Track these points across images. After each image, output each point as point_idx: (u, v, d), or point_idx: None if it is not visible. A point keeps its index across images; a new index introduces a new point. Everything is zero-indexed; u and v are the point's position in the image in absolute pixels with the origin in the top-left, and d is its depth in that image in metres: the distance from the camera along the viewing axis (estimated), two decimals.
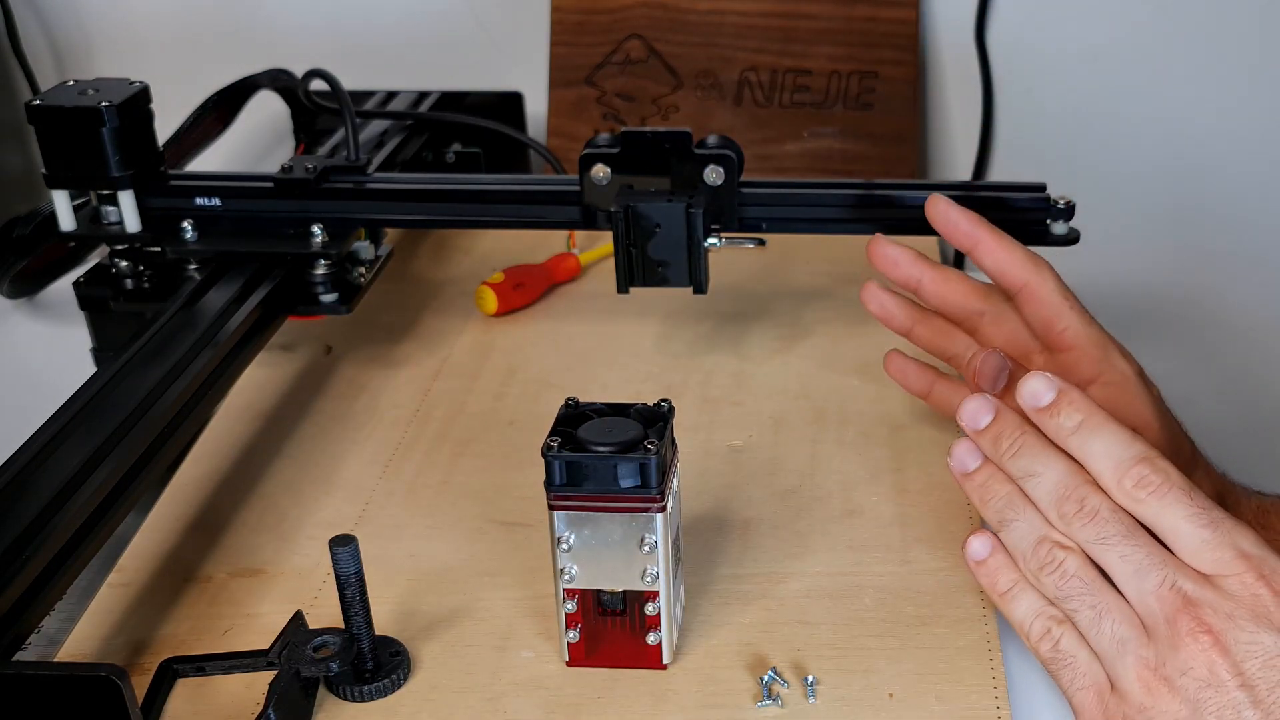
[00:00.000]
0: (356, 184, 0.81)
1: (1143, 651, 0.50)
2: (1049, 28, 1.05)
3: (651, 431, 0.54)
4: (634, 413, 0.56)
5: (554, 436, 0.54)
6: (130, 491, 0.62)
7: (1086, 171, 1.07)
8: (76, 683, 0.50)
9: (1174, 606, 0.49)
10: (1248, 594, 0.49)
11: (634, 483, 0.54)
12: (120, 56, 1.15)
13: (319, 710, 0.57)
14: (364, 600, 0.57)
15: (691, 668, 0.58)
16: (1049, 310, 0.67)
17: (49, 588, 0.56)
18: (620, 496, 0.54)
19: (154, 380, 0.67)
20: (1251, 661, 0.48)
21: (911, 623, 0.60)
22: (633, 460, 0.53)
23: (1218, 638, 0.49)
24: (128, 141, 0.78)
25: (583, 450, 0.54)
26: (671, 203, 0.75)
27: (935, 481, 0.70)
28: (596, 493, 0.54)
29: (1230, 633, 0.49)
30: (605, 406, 0.56)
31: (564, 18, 1.08)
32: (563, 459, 0.54)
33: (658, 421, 0.55)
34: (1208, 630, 0.49)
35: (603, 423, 0.55)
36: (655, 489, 0.53)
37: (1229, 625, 0.49)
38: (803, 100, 1.07)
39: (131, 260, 0.82)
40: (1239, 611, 0.49)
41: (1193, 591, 0.49)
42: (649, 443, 0.53)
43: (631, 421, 0.55)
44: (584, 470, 0.54)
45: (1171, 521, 0.50)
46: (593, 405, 0.56)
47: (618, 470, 0.53)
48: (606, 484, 0.54)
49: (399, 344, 0.87)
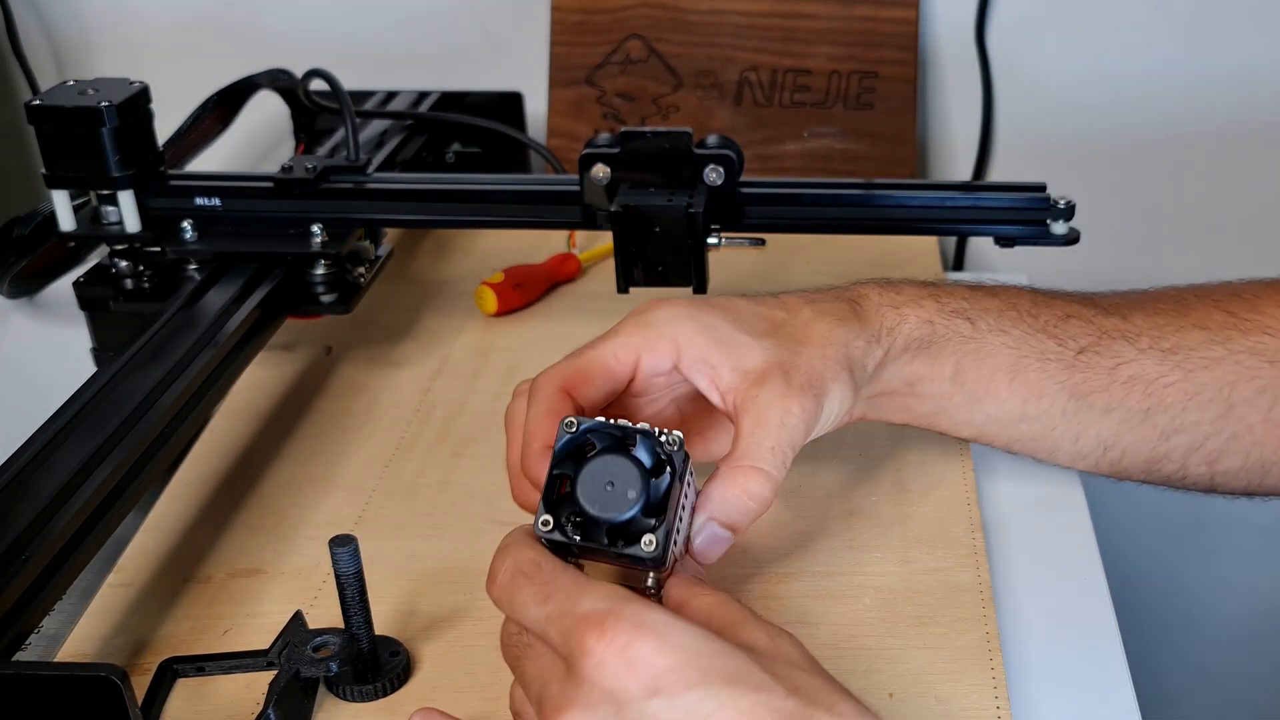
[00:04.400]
0: (356, 184, 0.81)
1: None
2: (1049, 28, 1.05)
3: (654, 492, 0.50)
4: (639, 440, 0.51)
5: (545, 514, 0.50)
6: (130, 492, 0.62)
7: (1086, 171, 1.07)
8: (76, 683, 0.50)
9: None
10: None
11: (635, 562, 0.51)
12: (120, 56, 1.15)
13: (319, 710, 0.57)
14: (364, 600, 0.57)
15: None
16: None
17: (49, 588, 0.56)
18: (622, 557, 0.51)
19: (154, 380, 0.67)
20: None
21: (911, 623, 0.60)
22: (635, 548, 0.50)
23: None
24: (127, 141, 0.78)
25: (581, 527, 0.51)
26: (671, 203, 0.75)
27: (935, 481, 0.70)
28: (596, 553, 0.51)
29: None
30: (607, 431, 0.51)
31: (564, 18, 1.08)
32: (555, 542, 0.51)
33: (662, 467, 0.51)
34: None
35: (601, 471, 0.50)
36: (663, 561, 0.51)
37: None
38: (803, 100, 1.06)
39: (131, 260, 0.82)
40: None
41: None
42: (648, 538, 0.50)
43: (632, 469, 0.50)
44: (583, 542, 0.51)
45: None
46: (593, 428, 0.51)
47: (621, 549, 0.50)
48: (607, 550, 0.51)
49: (399, 344, 0.87)
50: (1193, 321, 0.65)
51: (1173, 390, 0.64)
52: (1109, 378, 0.64)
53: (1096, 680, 0.59)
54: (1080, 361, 0.64)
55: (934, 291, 0.65)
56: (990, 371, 0.64)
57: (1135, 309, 0.66)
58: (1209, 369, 0.64)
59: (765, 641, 0.47)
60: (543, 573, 0.49)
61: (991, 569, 0.64)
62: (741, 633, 0.48)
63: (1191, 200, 1.08)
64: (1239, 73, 1.03)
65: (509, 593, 0.49)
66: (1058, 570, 0.66)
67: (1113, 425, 0.65)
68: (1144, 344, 0.64)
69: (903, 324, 0.63)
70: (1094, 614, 0.63)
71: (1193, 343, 0.64)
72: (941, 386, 0.65)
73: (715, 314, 0.59)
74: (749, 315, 0.60)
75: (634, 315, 0.60)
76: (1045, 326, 0.64)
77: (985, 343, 0.64)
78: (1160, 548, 1.20)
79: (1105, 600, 0.63)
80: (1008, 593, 0.64)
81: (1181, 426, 0.64)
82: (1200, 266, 1.08)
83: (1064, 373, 0.64)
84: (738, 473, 0.55)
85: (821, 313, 0.61)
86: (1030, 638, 0.61)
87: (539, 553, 0.50)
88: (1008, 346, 0.64)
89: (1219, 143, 1.05)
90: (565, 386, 0.57)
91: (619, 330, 0.60)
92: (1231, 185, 1.07)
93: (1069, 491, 0.71)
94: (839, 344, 0.60)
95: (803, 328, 0.60)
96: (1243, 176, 1.06)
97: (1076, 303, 0.66)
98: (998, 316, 0.64)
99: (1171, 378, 0.64)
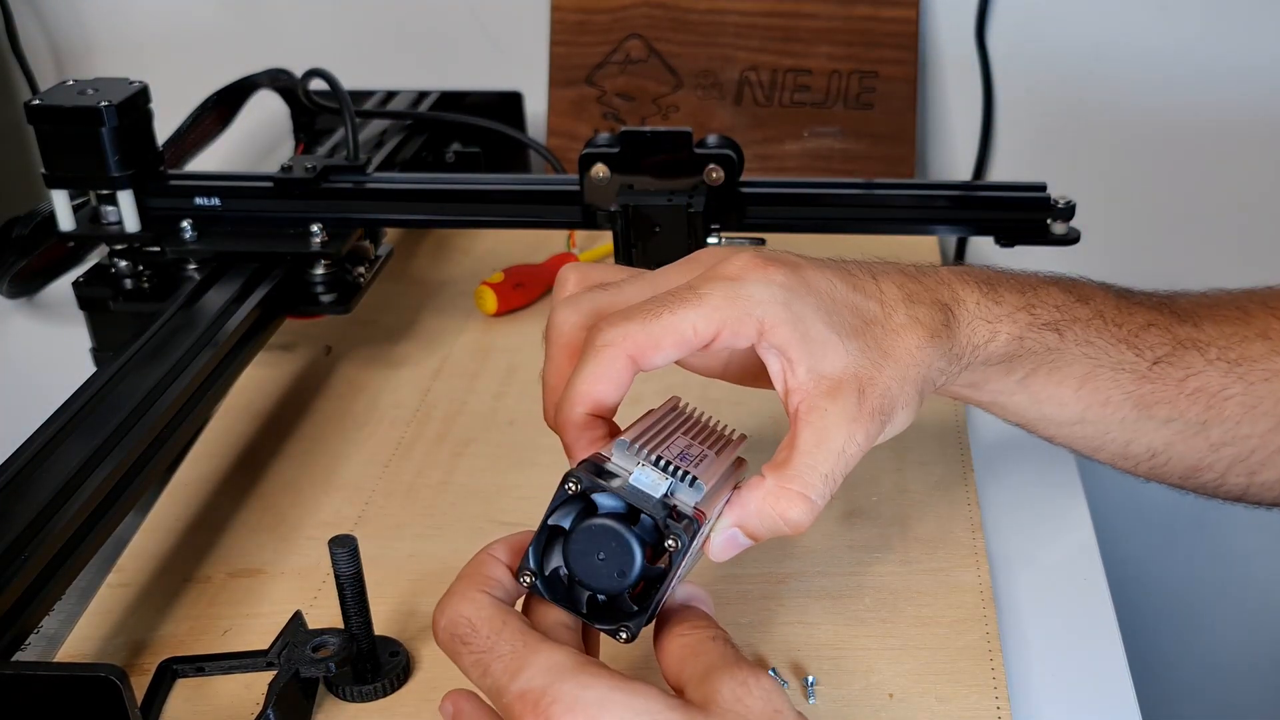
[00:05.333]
0: (356, 184, 0.81)
1: None
2: (1049, 28, 1.05)
3: (642, 594, 0.48)
4: (643, 520, 0.48)
5: (531, 565, 0.48)
6: (130, 492, 0.62)
7: (1086, 171, 1.07)
8: (76, 683, 0.50)
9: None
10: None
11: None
12: (120, 56, 1.15)
13: (319, 710, 0.57)
14: (363, 600, 0.57)
15: None
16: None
17: (49, 588, 0.56)
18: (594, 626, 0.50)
19: (153, 380, 0.67)
20: None
21: (911, 623, 0.60)
22: (603, 629, 0.48)
23: None
24: (127, 141, 0.78)
25: (564, 590, 0.49)
26: (671, 203, 0.75)
27: (935, 481, 0.70)
28: (570, 611, 0.49)
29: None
30: (612, 511, 0.48)
31: (564, 17, 1.08)
32: (542, 592, 0.49)
33: (660, 554, 0.48)
34: None
35: (593, 542, 0.48)
36: (634, 635, 0.49)
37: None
38: (803, 100, 1.06)
39: (131, 260, 0.82)
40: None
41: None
42: (625, 631, 0.48)
43: (627, 550, 0.48)
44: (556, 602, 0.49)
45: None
46: (599, 495, 0.48)
47: (593, 625, 0.49)
48: (582, 616, 0.49)
49: (399, 344, 0.87)
50: (1256, 331, 0.63)
51: (1232, 403, 0.62)
52: (1177, 389, 0.62)
53: (1096, 680, 0.59)
54: (1154, 373, 0.62)
55: (1030, 301, 0.60)
56: (1061, 379, 0.61)
57: (1205, 316, 0.64)
58: (1269, 381, 0.62)
59: (728, 696, 0.45)
60: (479, 638, 0.46)
61: (991, 569, 0.64)
62: (705, 688, 0.46)
63: (1193, 200, 1.08)
64: (1240, 72, 1.03)
65: (449, 652, 0.47)
66: (1058, 570, 0.66)
67: (1168, 435, 0.63)
68: (1213, 354, 0.62)
69: (992, 341, 0.59)
70: (1094, 614, 0.63)
71: (1256, 354, 0.62)
72: (1007, 386, 0.62)
73: (810, 302, 0.54)
74: (843, 307, 0.55)
75: (723, 281, 0.52)
76: (1127, 336, 0.62)
77: (1067, 354, 0.61)
78: (1160, 547, 1.20)
79: (1105, 600, 0.63)
80: (1008, 593, 0.64)
81: (1234, 439, 0.63)
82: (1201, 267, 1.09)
83: (1134, 383, 0.62)
84: (782, 494, 0.52)
85: (915, 319, 0.56)
86: (1030, 638, 0.61)
87: (476, 610, 0.47)
88: (1088, 357, 0.61)
89: (1220, 143, 1.05)
90: (633, 353, 0.51)
91: (704, 297, 0.52)
92: (1233, 185, 1.07)
93: (1069, 491, 0.71)
94: (922, 365, 0.56)
95: (892, 335, 0.55)
96: (1245, 177, 1.06)
97: (1156, 308, 0.64)
98: (1085, 327, 0.61)
99: (1233, 390, 0.62)
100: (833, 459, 0.52)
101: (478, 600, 0.48)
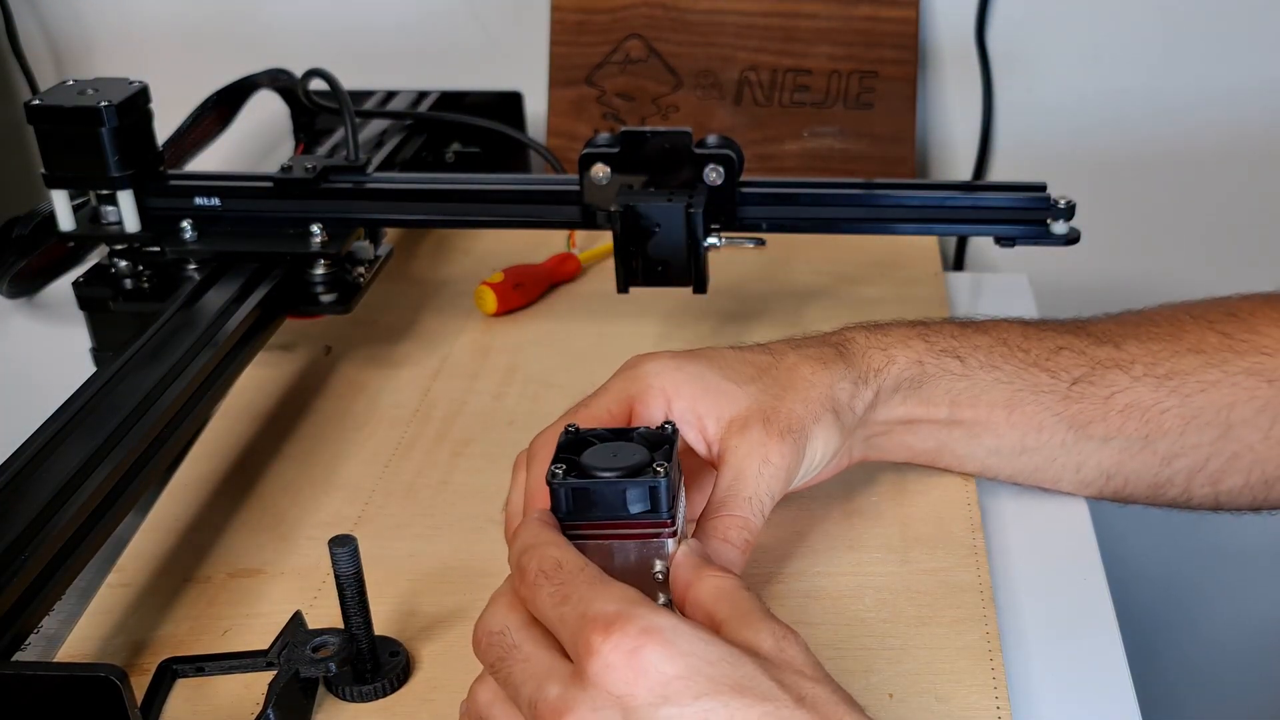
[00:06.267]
0: (356, 184, 0.81)
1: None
2: (1049, 28, 1.05)
3: (658, 454, 0.52)
4: (637, 436, 0.53)
5: (558, 464, 0.53)
6: (130, 492, 0.62)
7: (1086, 171, 1.07)
8: (76, 683, 0.50)
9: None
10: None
11: (644, 508, 0.51)
12: (120, 56, 1.15)
13: (319, 710, 0.57)
14: (363, 600, 0.57)
15: None
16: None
17: (49, 588, 0.56)
18: (630, 523, 0.52)
19: (153, 380, 0.67)
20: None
21: (911, 623, 0.60)
22: (641, 484, 0.51)
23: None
24: (127, 141, 0.78)
25: (589, 476, 0.52)
26: (671, 203, 0.75)
27: (935, 481, 0.70)
28: (605, 519, 0.52)
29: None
30: (608, 432, 0.54)
31: (564, 17, 1.08)
32: (568, 486, 0.51)
33: (662, 444, 0.53)
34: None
35: (606, 448, 0.53)
36: (666, 513, 0.51)
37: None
38: (803, 100, 1.06)
39: (131, 260, 0.82)
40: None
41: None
42: (657, 465, 0.52)
43: (636, 445, 0.53)
44: (591, 497, 0.52)
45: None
46: (594, 431, 0.54)
47: (626, 495, 0.51)
48: (615, 510, 0.52)
49: (399, 344, 0.87)
50: (1187, 346, 0.65)
51: (1170, 416, 0.64)
52: (1105, 407, 0.64)
53: (1096, 680, 0.59)
54: (1075, 392, 0.64)
55: (922, 331, 0.65)
56: (987, 407, 0.64)
57: (1128, 336, 0.66)
58: (1205, 392, 0.64)
59: (771, 644, 0.47)
60: (564, 574, 0.48)
61: (991, 569, 0.64)
62: (746, 631, 0.47)
63: (1192, 199, 1.08)
64: (1240, 72, 1.03)
65: (529, 588, 0.49)
66: (1058, 570, 0.66)
67: (1113, 454, 0.65)
68: (1138, 371, 0.64)
69: (891, 365, 0.63)
70: (1094, 614, 0.63)
71: (1188, 368, 0.64)
72: (938, 424, 0.65)
73: (701, 363, 0.60)
74: (734, 362, 0.61)
75: (623, 370, 0.61)
76: (1037, 360, 0.65)
77: (977, 379, 0.64)
78: (1160, 548, 1.20)
79: (1105, 600, 0.63)
80: (1008, 593, 0.64)
81: (1182, 450, 0.64)
82: (1200, 265, 1.09)
83: (1060, 404, 0.64)
84: (716, 524, 0.56)
85: (806, 357, 0.62)
86: (1030, 638, 0.61)
87: (564, 554, 0.49)
88: (1001, 382, 0.64)
89: (1220, 142, 1.05)
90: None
91: (609, 386, 0.60)
92: (1232, 185, 1.07)
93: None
94: (823, 386, 0.61)
95: (787, 372, 0.61)
96: (1243, 175, 1.06)
97: (1068, 333, 0.66)
98: (988, 353, 0.65)
99: (1168, 403, 0.64)
100: (751, 482, 0.57)
101: (567, 547, 0.50)
